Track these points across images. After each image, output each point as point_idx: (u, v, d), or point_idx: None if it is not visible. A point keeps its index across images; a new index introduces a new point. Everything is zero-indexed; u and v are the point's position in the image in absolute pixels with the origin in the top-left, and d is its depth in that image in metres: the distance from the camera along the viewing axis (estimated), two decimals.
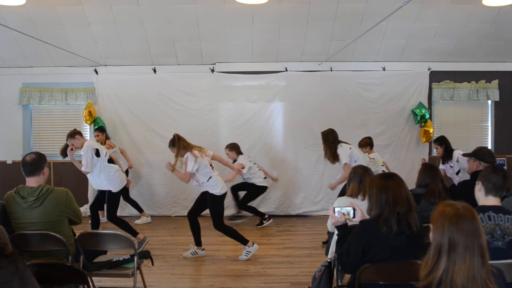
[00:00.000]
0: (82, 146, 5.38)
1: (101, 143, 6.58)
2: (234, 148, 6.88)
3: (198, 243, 5.39)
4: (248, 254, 5.24)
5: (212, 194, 5.13)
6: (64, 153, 5.59)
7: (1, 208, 3.40)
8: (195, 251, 5.36)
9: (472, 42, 7.39)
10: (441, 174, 3.94)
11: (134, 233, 5.47)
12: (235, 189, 7.05)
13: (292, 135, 7.60)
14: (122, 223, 5.49)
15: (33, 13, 6.64)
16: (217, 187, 5.13)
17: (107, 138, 7.23)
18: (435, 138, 6.39)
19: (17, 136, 7.85)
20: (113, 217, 5.51)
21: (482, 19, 6.93)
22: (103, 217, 6.51)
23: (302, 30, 7.05)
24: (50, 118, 8.02)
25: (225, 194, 5.25)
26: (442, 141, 5.98)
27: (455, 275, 1.77)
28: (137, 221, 7.09)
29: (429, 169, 3.97)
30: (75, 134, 5.42)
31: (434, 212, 1.93)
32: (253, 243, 5.31)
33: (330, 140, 5.64)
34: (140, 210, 7.21)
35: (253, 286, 4.46)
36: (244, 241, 5.25)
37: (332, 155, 5.61)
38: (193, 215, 5.35)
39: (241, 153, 6.89)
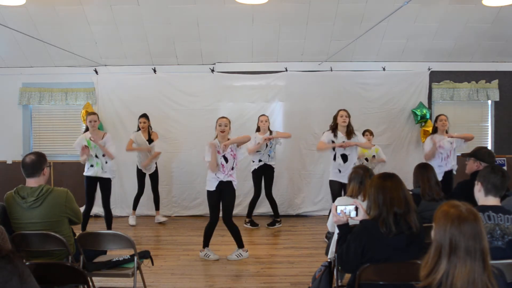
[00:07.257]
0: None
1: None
2: None
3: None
4: (239, 256, 5.27)
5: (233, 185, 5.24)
6: None
7: (2, 210, 3.40)
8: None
9: (472, 42, 7.39)
10: (434, 171, 3.96)
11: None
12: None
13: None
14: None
15: (33, 13, 6.64)
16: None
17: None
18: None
19: (17, 136, 7.85)
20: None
21: (482, 19, 6.93)
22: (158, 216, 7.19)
23: (302, 30, 7.05)
24: (50, 118, 8.01)
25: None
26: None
27: (455, 279, 1.76)
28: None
29: (419, 168, 4.01)
30: None
31: (438, 211, 1.92)
32: (247, 250, 5.36)
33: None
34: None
35: (253, 286, 4.46)
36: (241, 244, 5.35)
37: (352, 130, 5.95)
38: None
39: None
